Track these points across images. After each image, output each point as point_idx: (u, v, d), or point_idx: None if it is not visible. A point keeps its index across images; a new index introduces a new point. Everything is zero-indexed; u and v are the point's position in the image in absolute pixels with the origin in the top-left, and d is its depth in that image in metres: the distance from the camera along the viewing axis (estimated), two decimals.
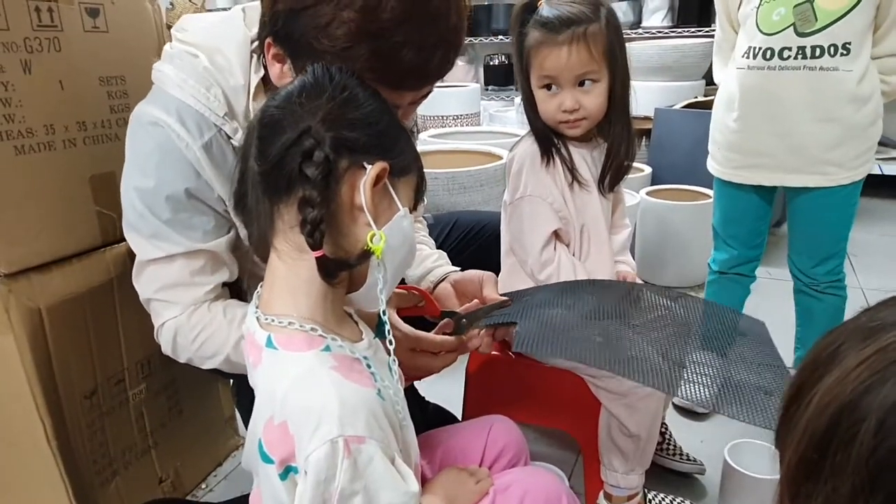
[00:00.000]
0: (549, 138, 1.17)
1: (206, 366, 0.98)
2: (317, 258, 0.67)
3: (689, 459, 1.40)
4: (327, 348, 0.69)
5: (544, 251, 1.16)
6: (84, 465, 1.12)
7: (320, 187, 0.66)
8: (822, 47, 1.33)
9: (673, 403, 1.64)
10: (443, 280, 1.16)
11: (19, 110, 0.99)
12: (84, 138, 1.10)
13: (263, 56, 0.87)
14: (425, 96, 0.87)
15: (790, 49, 1.35)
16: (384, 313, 0.72)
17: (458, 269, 1.19)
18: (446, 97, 3.57)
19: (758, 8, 1.39)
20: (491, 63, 4.39)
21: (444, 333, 0.99)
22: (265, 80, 0.94)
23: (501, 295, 1.06)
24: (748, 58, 1.41)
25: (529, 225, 1.17)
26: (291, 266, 0.70)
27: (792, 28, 1.34)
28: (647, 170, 2.66)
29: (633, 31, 3.94)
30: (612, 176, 1.19)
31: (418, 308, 1.01)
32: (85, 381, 1.12)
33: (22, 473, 1.07)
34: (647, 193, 2.41)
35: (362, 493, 0.62)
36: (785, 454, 0.45)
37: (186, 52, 0.95)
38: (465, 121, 3.53)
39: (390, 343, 0.74)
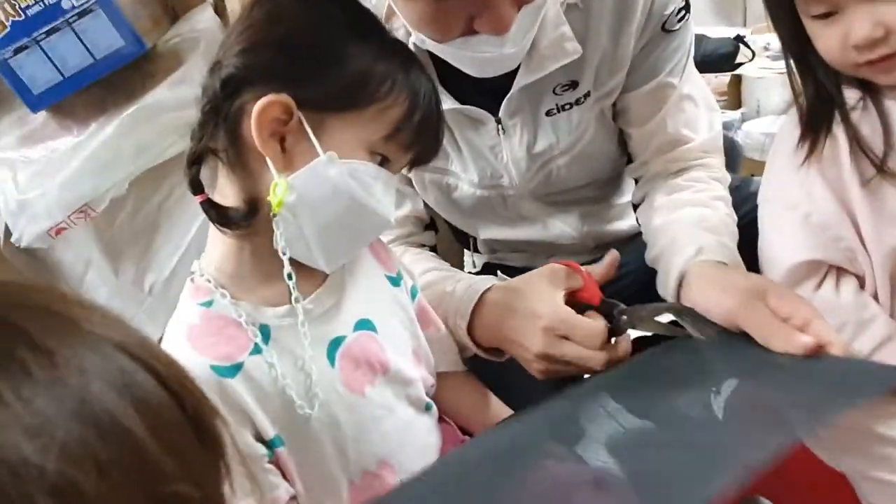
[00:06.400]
0: (826, 103, 0.68)
1: None
2: (200, 202, 0.61)
3: None
4: (209, 303, 0.63)
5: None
6: None
7: (204, 120, 0.61)
8: None
9: None
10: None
11: None
12: None
13: None
14: None
15: None
16: (290, 277, 0.62)
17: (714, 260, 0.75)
18: None
19: None
20: None
21: None
22: None
23: None
24: None
25: (769, 246, 0.75)
26: None
27: None
28: None
29: None
30: None
31: (574, 293, 0.75)
32: None
33: None
34: None
35: None
36: None
37: None
38: None
39: (296, 300, 0.63)
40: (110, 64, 1.25)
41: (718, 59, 2.35)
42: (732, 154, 2.06)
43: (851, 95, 0.68)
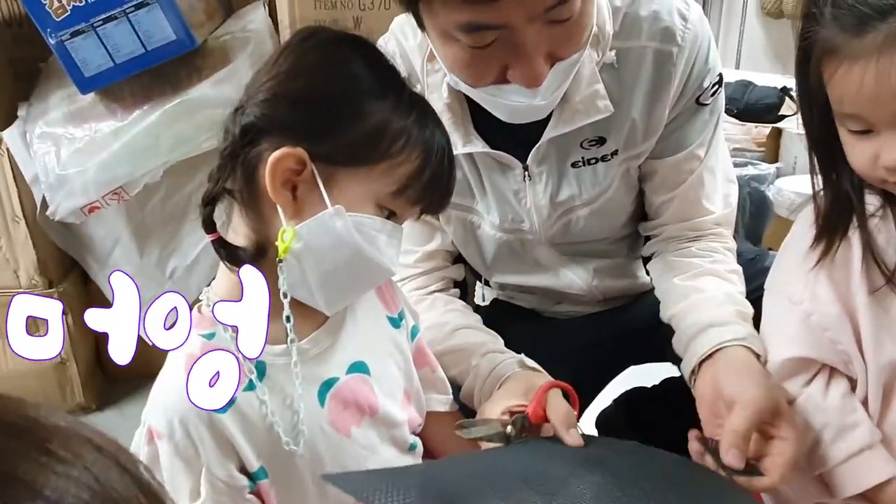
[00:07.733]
0: (845, 207, 0.68)
1: None
2: (211, 240, 0.64)
3: None
4: (210, 335, 0.64)
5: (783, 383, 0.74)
6: None
7: (223, 163, 0.63)
8: None
9: None
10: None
11: None
12: None
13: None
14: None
15: None
16: (288, 319, 0.64)
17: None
18: None
19: None
20: None
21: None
22: None
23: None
24: None
25: (767, 335, 0.77)
26: None
27: None
28: None
29: None
30: None
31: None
32: None
33: None
34: None
35: None
36: None
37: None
38: None
39: (291, 342, 0.66)
40: (160, 56, 1.30)
41: (762, 109, 2.32)
42: (764, 209, 2.01)
43: (872, 202, 0.67)
